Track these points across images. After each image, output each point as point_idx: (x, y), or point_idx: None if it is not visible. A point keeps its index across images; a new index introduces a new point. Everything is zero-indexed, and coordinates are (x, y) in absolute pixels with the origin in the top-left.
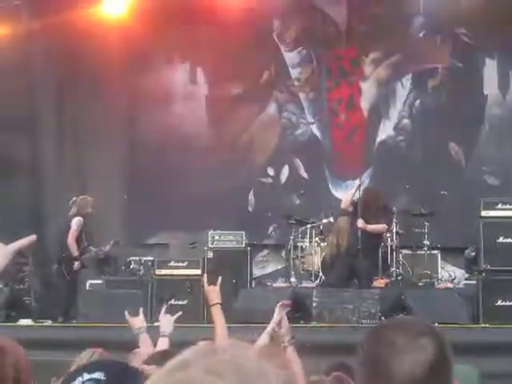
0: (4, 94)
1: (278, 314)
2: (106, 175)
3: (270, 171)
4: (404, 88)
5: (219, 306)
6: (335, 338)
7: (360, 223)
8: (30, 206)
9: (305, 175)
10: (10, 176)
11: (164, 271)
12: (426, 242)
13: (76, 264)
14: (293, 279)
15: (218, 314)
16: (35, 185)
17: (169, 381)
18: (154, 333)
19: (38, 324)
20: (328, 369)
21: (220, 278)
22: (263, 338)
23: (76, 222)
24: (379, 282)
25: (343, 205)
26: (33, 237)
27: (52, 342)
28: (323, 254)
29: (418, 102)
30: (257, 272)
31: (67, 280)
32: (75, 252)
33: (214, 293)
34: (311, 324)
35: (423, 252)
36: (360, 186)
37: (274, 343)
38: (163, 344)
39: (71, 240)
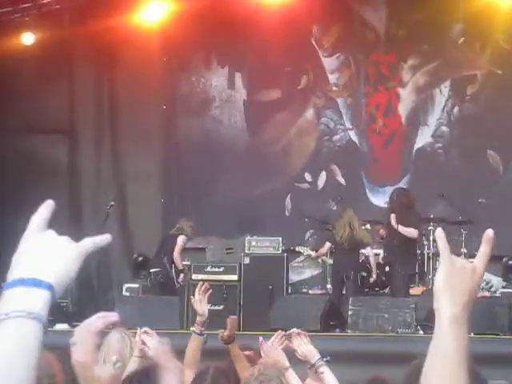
0: (45, 97)
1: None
2: (143, 178)
3: (308, 177)
4: (442, 95)
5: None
6: (371, 347)
7: (393, 220)
8: (69, 208)
9: (342, 181)
10: (49, 178)
11: (201, 276)
12: (464, 250)
13: (181, 276)
14: (329, 286)
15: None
16: (74, 187)
17: None
18: (186, 340)
19: (74, 329)
20: None
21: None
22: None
23: (183, 239)
24: (415, 290)
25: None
26: (107, 236)
27: None
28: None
29: (456, 108)
30: (293, 277)
31: (175, 289)
32: (180, 266)
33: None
34: (346, 333)
35: None
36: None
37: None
38: None
39: (177, 255)
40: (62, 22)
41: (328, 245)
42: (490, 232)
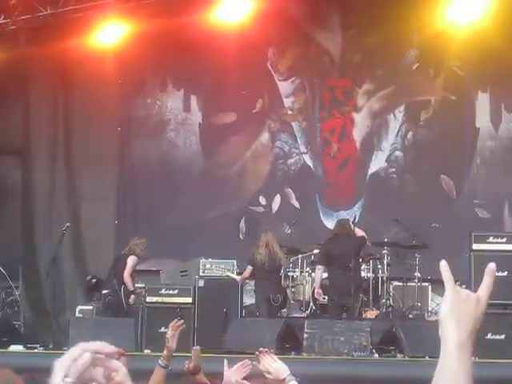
0: None
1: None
2: (96, 200)
3: (262, 200)
4: (397, 120)
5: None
6: (326, 370)
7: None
8: (22, 229)
9: (296, 204)
10: (2, 199)
11: (155, 299)
12: (417, 274)
13: (132, 298)
14: (283, 309)
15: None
16: (27, 208)
17: None
18: (143, 362)
19: (29, 351)
20: None
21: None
22: None
23: (133, 259)
24: (370, 314)
25: (317, 295)
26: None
27: (42, 370)
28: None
29: (410, 133)
30: (246, 300)
31: (125, 311)
32: (131, 287)
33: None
34: (302, 355)
35: (414, 284)
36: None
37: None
38: None
39: (127, 275)
40: (18, 42)
41: (250, 268)
42: (492, 265)
